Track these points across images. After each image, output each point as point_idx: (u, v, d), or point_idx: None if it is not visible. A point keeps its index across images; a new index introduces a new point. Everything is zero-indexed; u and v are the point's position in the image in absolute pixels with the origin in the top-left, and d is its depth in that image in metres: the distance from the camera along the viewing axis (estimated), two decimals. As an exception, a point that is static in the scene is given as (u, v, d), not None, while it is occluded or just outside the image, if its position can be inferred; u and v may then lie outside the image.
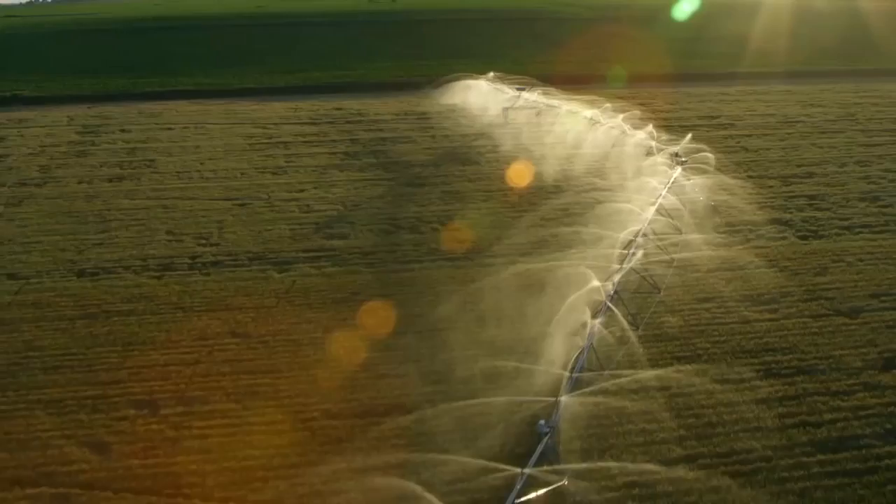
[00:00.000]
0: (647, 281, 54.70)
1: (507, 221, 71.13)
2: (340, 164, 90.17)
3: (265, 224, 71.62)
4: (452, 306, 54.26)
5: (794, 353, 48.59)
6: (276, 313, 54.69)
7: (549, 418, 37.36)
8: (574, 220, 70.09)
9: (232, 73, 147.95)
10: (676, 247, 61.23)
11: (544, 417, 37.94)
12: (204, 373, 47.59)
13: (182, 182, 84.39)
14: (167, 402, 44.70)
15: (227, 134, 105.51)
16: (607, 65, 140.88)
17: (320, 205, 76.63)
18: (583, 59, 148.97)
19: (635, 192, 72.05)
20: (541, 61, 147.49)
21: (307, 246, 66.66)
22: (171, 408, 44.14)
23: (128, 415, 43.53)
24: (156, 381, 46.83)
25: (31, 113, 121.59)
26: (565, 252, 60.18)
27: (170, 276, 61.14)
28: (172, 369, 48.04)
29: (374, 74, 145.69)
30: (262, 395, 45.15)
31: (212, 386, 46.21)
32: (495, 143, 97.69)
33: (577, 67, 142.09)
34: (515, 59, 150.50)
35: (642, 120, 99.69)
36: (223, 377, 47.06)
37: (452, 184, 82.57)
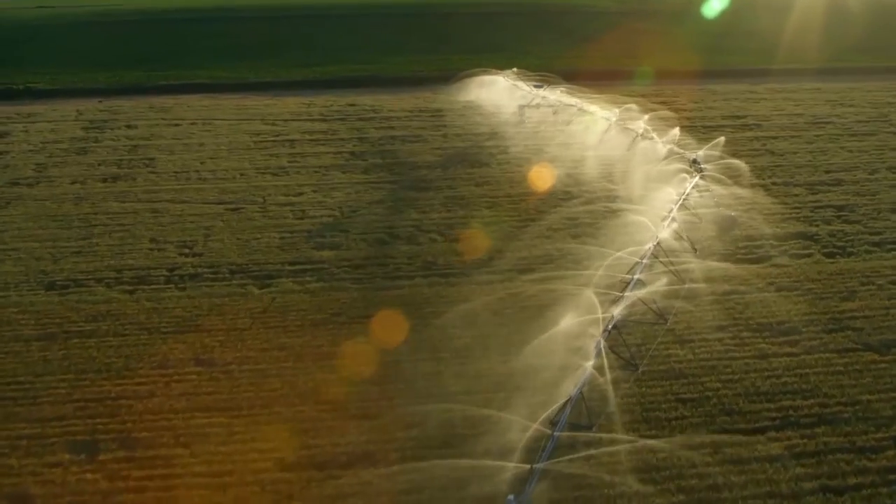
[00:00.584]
0: (652, 311, 47.93)
1: (511, 232, 65.13)
2: (344, 165, 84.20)
3: (255, 231, 65.89)
4: (438, 333, 48.39)
5: (816, 397, 42.24)
6: (247, 337, 48.96)
7: (519, 492, 30.97)
8: (583, 232, 64.34)
9: (249, 66, 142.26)
10: (689, 268, 54.32)
11: (515, 490, 31.57)
12: (156, 408, 42.05)
13: (178, 183, 78.70)
14: (109, 444, 39.30)
15: (234, 131, 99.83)
16: (633, 61, 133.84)
17: (316, 210, 70.73)
18: (609, 54, 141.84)
19: (651, 202, 65.28)
20: (566, 56, 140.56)
21: (294, 257, 60.90)
22: (111, 452, 38.77)
23: (62, 460, 38.16)
24: (102, 417, 41.45)
25: (41, 107, 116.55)
26: (569, 271, 53.43)
27: (143, 291, 55.53)
28: (123, 403, 42.53)
29: (392, 69, 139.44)
30: (213, 437, 39.51)
31: (161, 425, 40.69)
32: (508, 144, 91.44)
33: (603, 63, 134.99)
34: (540, 54, 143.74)
35: (664, 120, 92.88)
36: (175, 415, 41.47)
37: (458, 188, 76.39)
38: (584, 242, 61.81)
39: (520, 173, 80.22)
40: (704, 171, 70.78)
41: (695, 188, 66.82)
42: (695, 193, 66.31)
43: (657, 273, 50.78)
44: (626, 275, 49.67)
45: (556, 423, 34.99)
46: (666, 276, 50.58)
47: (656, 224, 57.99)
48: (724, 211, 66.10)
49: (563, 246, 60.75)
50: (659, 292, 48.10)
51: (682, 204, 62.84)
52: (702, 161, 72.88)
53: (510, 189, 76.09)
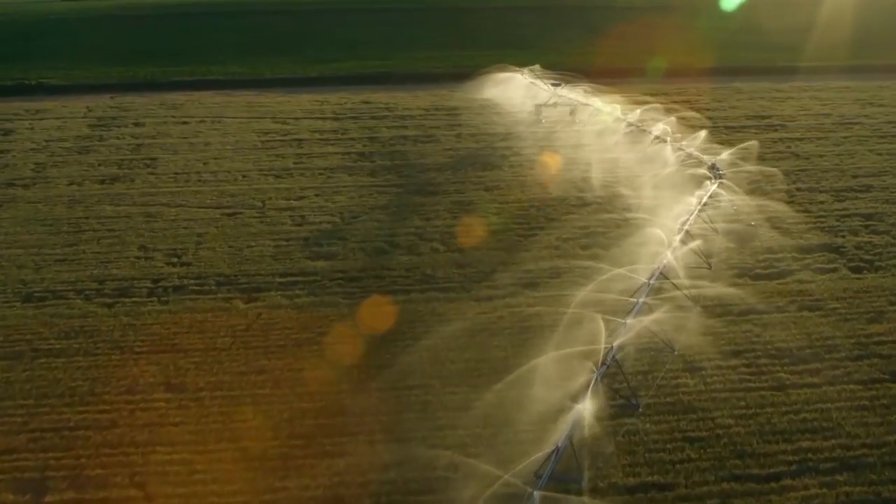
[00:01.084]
0: (658, 337, 43.45)
1: (517, 242, 60.96)
2: (351, 167, 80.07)
3: (249, 239, 61.96)
4: (429, 356, 44.29)
5: (838, 437, 37.81)
6: (225, 358, 45.01)
7: None
8: (594, 243, 60.15)
9: (265, 62, 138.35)
10: (702, 285, 49.80)
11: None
12: (115, 441, 38.17)
13: (177, 185, 74.90)
14: (58, 483, 35.51)
15: (243, 129, 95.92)
16: (656, 57, 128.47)
17: (316, 216, 66.69)
18: (632, 50, 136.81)
19: (667, 211, 60.85)
20: (588, 53, 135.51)
21: (287, 268, 56.86)
22: (59, 493, 35.01)
23: (5, 502, 33.60)
24: (55, 451, 37.68)
25: (51, 103, 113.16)
26: (576, 289, 49.04)
27: (122, 305, 51.68)
28: (80, 435, 38.72)
29: (411, 65, 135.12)
30: (172, 477, 35.57)
31: (118, 461, 36.89)
32: (522, 145, 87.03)
33: (625, 59, 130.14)
34: (563, 50, 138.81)
35: (686, 120, 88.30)
36: (135, 449, 37.65)
37: (466, 192, 72.13)
38: (594, 255, 57.53)
39: (531, 177, 75.76)
40: (723, 178, 65.95)
41: (713, 196, 61.90)
42: (713, 202, 61.46)
43: (667, 294, 46.13)
44: (632, 298, 45.01)
45: (540, 476, 30.62)
46: (675, 298, 45.89)
47: (671, 236, 53.41)
48: (743, 221, 61.31)
49: (570, 262, 56.02)
50: (665, 319, 43.39)
51: (698, 214, 58.11)
52: (721, 167, 67.92)
53: (520, 194, 71.78)
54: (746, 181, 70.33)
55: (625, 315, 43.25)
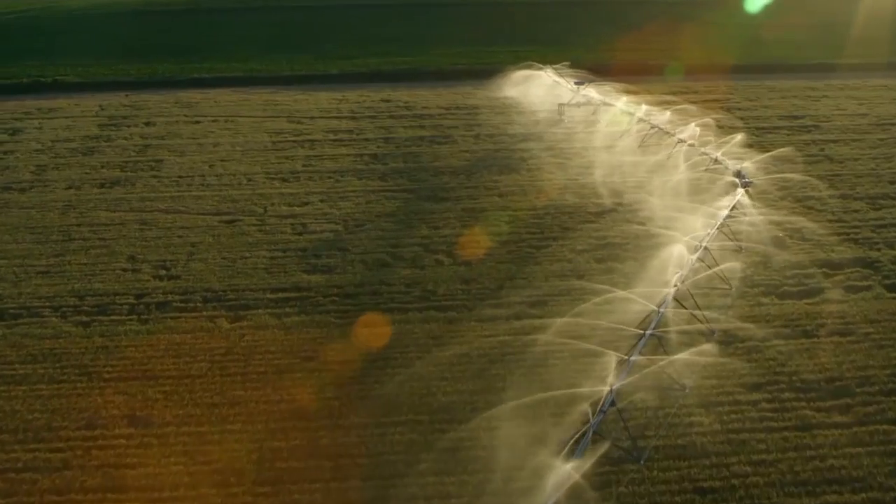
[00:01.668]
0: (669, 377, 38.92)
1: (529, 254, 56.66)
2: (362, 170, 76.05)
3: (244, 249, 58.07)
4: (421, 387, 40.15)
5: (869, 490, 33.49)
6: (198, 387, 41.08)
7: None
8: (609, 255, 55.89)
9: (287, 58, 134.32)
10: (721, 307, 45.21)
11: None
12: (63, 487, 34.67)
13: (178, 189, 71.21)
14: (-7, 537, 30.86)
15: (255, 129, 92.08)
16: (686, 53, 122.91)
17: (318, 224, 62.75)
18: (663, 46, 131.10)
19: (691, 222, 56.15)
20: (617, 49, 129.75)
21: (280, 282, 52.91)
22: (-9, 549, 30.30)
23: None
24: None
25: (65, 101, 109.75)
26: (583, 313, 44.55)
27: (99, 324, 48.03)
28: (27, 478, 35.09)
29: (434, 61, 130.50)
30: (118, 532, 30.99)
31: (62, 511, 32.23)
32: (542, 147, 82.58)
33: (655, 56, 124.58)
34: (591, 46, 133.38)
35: (716, 120, 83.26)
36: (84, 497, 34.20)
37: (479, 198, 67.85)
38: (609, 268, 53.40)
39: (549, 182, 71.49)
40: (750, 185, 61.12)
41: (738, 206, 57.14)
42: (738, 211, 56.76)
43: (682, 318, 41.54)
44: (639, 329, 40.46)
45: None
46: (690, 325, 41.33)
47: (690, 250, 48.88)
48: (770, 232, 56.53)
49: (581, 280, 51.49)
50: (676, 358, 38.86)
51: (720, 226, 53.42)
52: (747, 174, 63.07)
53: (535, 200, 67.63)
54: (775, 187, 65.36)
55: (630, 350, 38.58)
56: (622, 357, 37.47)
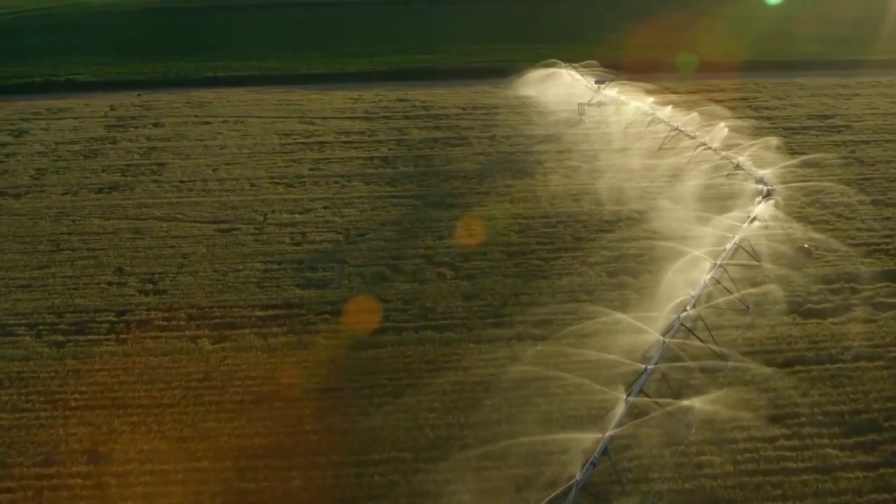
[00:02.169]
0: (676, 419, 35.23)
1: (537, 267, 53.19)
2: (370, 174, 72.88)
3: (238, 261, 54.99)
4: (404, 420, 37.09)
5: (896, 549, 28.90)
6: (169, 418, 37.89)
7: None
8: (623, 268, 52.47)
9: (306, 56, 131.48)
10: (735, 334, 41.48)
11: None
12: (6, 534, 30.52)
13: (178, 195, 68.40)
14: None
15: (265, 131, 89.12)
16: (713, 49, 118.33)
17: (319, 233, 59.60)
18: (692, 42, 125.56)
19: (708, 230, 52.38)
20: (644, 46, 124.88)
21: (271, 298, 49.85)
22: None
23: None
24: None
25: (75, 101, 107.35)
26: (590, 336, 41.02)
27: (75, 344, 45.35)
28: (-32, 523, 31.11)
29: (455, 59, 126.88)
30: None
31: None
32: (560, 149, 78.92)
33: (680, 52, 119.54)
34: (614, 42, 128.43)
35: (743, 120, 79.58)
36: (25, 547, 29.94)
37: (489, 205, 64.45)
38: (620, 283, 49.89)
39: (564, 187, 67.72)
40: (773, 193, 57.19)
41: (760, 216, 53.28)
42: (760, 221, 52.94)
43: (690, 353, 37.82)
44: (642, 363, 36.78)
45: None
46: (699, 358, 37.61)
47: (707, 264, 45.21)
48: (794, 243, 52.61)
49: (591, 295, 48.00)
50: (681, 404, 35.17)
51: (741, 237, 49.63)
52: (771, 182, 59.15)
53: (549, 207, 63.89)
54: (802, 192, 61.45)
55: (630, 387, 34.93)
56: (622, 397, 33.70)
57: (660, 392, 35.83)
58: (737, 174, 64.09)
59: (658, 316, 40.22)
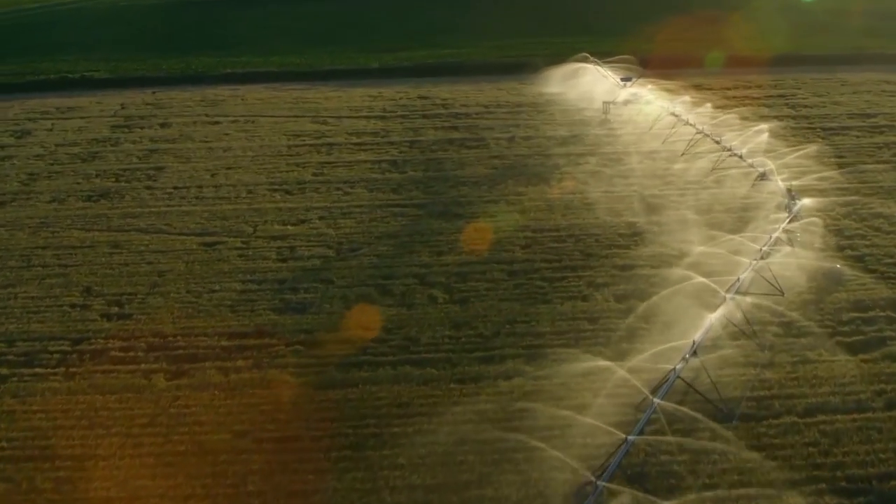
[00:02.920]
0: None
1: (538, 289, 48.17)
2: (375, 180, 68.22)
3: (216, 280, 50.56)
4: (361, 481, 32.66)
5: None
6: (98, 473, 33.54)
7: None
8: (632, 292, 47.25)
9: (329, 51, 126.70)
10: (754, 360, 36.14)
11: None
12: None
13: (168, 203, 64.25)
14: None
15: (274, 131, 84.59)
16: (755, 43, 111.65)
17: (309, 247, 55.40)
18: (731, 35, 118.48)
19: (725, 250, 46.86)
20: (680, 39, 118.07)
21: (242, 325, 45.44)
22: None
23: None
24: None
25: (88, 99, 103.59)
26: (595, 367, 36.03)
27: (18, 378, 41.46)
28: None
29: (484, 54, 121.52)
30: None
31: None
32: (580, 152, 73.53)
33: (717, 45, 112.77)
34: (649, 35, 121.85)
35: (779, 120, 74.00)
36: None
37: (496, 215, 59.35)
38: (628, 309, 44.51)
39: (580, 195, 62.59)
40: (799, 211, 51.38)
41: (785, 234, 47.61)
42: (785, 240, 47.35)
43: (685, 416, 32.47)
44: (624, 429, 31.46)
45: None
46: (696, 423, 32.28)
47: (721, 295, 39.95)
48: (824, 263, 46.88)
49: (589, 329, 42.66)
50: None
51: (762, 258, 44.12)
52: (799, 195, 53.36)
53: (561, 218, 58.81)
54: (836, 202, 55.64)
55: (601, 469, 29.60)
56: (592, 479, 28.38)
57: (643, 472, 30.36)
58: (764, 184, 57.93)
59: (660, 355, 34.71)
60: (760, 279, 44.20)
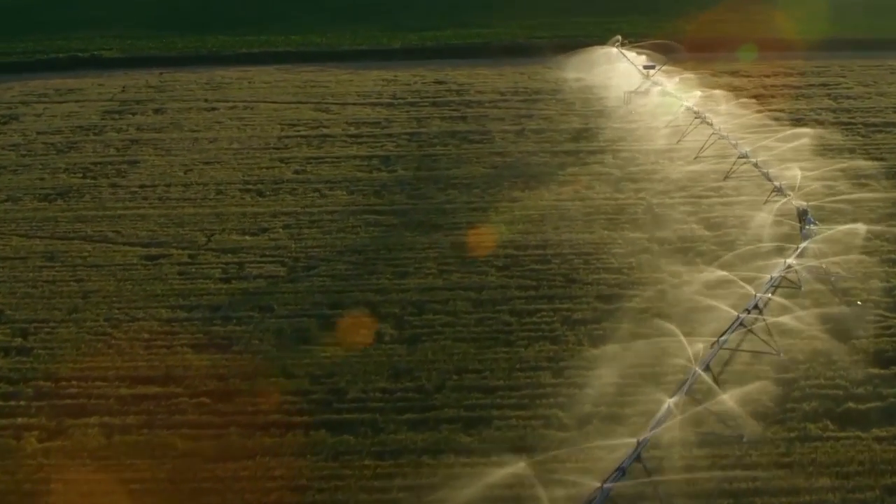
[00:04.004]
0: None
1: (504, 326, 41.10)
2: (359, 180, 61.47)
3: (143, 305, 44.13)
4: None
5: None
6: None
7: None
8: (606, 334, 38.97)
9: (353, 29, 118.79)
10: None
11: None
12: None
13: (126, 205, 58.24)
14: None
15: (270, 120, 77.72)
16: (804, 25, 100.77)
17: (260, 264, 48.41)
18: (775, 17, 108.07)
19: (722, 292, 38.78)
20: (720, 20, 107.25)
21: (151, 367, 39.05)
22: None
23: None
24: None
25: (91, 80, 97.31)
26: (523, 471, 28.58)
27: None
28: None
29: (512, 34, 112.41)
30: None
31: None
32: (591, 149, 65.75)
33: (761, 27, 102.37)
34: (691, 15, 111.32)
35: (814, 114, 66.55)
36: None
37: (480, 227, 51.86)
38: (599, 357, 36.42)
39: (579, 203, 55.40)
40: (815, 233, 42.64)
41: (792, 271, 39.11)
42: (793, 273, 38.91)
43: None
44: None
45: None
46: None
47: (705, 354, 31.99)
48: (842, 301, 38.40)
49: (550, 386, 34.66)
50: None
51: (752, 314, 35.73)
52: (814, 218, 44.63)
53: (552, 231, 51.70)
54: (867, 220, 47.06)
55: None
56: None
57: None
58: (777, 199, 49.36)
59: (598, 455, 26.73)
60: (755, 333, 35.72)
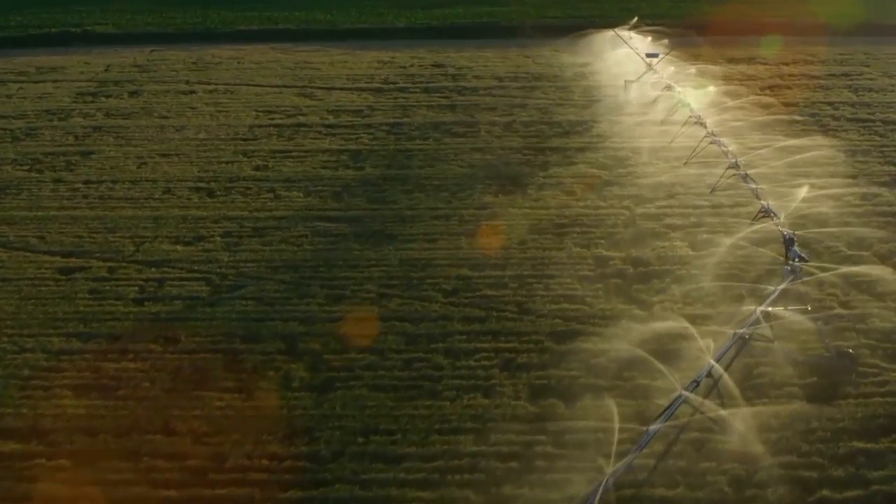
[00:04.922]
0: None
1: (431, 372, 35.10)
2: (321, 179, 55.36)
3: (37, 333, 38.95)
4: None
5: None
6: None
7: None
8: (551, 386, 33.54)
9: (358, 7, 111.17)
10: None
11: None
12: None
13: (62, 205, 52.75)
14: None
15: (246, 106, 71.71)
16: (831, 8, 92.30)
17: (181, 283, 42.70)
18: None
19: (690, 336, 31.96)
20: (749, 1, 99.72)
21: (16, 414, 33.42)
22: None
23: None
24: None
25: (78, 58, 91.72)
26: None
27: None
28: None
29: (525, 13, 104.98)
30: None
31: None
32: (580, 146, 59.02)
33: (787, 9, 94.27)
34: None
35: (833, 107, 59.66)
36: None
37: (437, 240, 46.12)
38: (548, 410, 30.06)
39: (555, 211, 48.71)
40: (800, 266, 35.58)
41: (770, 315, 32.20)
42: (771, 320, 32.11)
43: None
44: None
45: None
46: None
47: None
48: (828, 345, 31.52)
49: (469, 457, 28.14)
50: None
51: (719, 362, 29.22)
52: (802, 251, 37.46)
53: (517, 248, 45.30)
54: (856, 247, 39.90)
55: None
56: None
57: None
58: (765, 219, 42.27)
59: None
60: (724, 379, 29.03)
